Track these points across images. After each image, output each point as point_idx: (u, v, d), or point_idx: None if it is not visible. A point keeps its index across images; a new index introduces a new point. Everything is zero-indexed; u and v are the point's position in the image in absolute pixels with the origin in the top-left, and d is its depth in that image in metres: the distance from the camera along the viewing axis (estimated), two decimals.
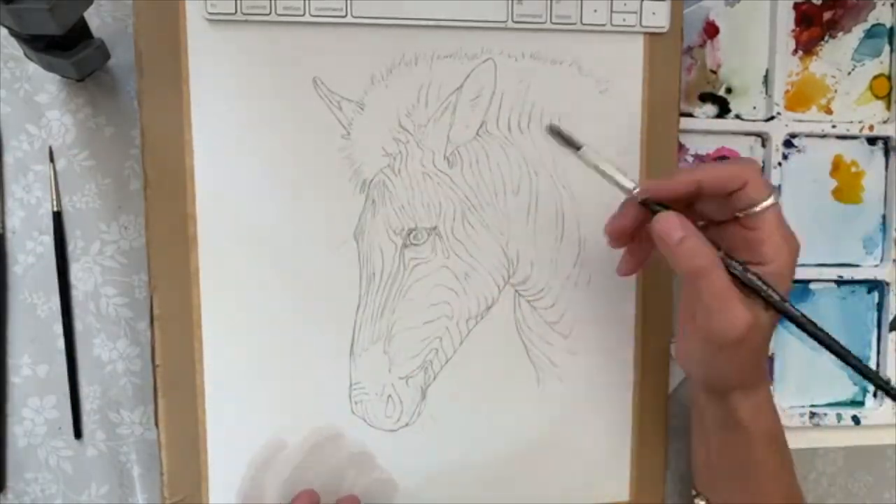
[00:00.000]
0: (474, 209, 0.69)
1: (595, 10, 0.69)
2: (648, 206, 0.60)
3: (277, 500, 0.69)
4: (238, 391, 0.68)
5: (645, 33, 0.71)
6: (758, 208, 0.58)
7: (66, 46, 0.63)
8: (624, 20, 0.70)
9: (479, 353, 0.71)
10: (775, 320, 0.60)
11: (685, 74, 0.76)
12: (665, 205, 0.59)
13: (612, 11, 0.70)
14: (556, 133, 0.64)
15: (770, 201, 0.58)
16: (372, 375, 0.69)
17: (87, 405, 0.71)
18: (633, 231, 0.62)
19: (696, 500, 0.70)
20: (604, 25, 0.70)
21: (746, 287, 0.58)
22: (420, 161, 0.68)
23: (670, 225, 0.58)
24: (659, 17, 0.70)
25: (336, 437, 0.70)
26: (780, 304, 0.58)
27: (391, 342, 0.69)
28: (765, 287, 0.58)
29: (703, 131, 0.77)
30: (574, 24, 0.69)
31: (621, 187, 0.61)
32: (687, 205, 0.61)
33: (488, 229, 0.70)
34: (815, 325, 0.59)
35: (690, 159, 0.76)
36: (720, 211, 0.60)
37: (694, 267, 0.57)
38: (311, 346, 0.69)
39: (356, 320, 0.69)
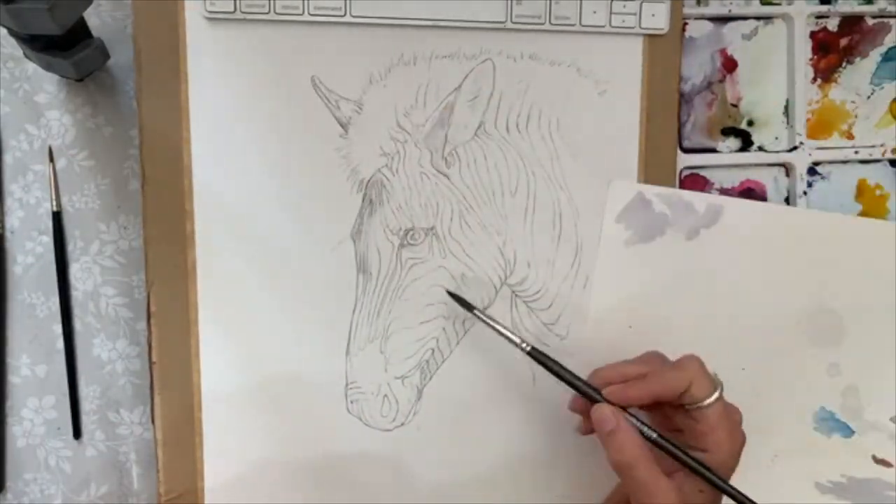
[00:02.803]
0: (472, 209, 0.69)
1: (594, 12, 0.69)
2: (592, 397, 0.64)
3: (272, 498, 0.69)
4: (234, 388, 0.68)
5: (644, 35, 0.71)
6: (702, 405, 0.61)
7: (66, 46, 0.63)
8: (623, 21, 0.70)
9: (475, 354, 0.71)
10: (711, 500, 0.62)
11: (706, 110, 0.76)
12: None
13: (611, 13, 0.70)
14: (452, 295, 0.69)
15: (713, 398, 0.61)
16: (368, 375, 0.69)
17: (86, 405, 0.71)
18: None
19: None
20: (603, 27, 0.70)
21: (685, 467, 0.61)
22: (418, 161, 0.68)
23: (603, 417, 0.62)
24: (658, 19, 0.70)
25: (332, 435, 0.70)
26: (719, 483, 0.60)
27: (387, 342, 0.69)
28: (704, 469, 0.60)
29: (727, 165, 0.77)
30: (573, 25, 0.69)
31: (513, 342, 0.66)
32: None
33: (485, 230, 0.70)
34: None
35: (716, 193, 0.76)
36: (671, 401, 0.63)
37: (621, 460, 0.60)
38: (307, 345, 0.69)
39: (353, 320, 0.69)
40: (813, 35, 0.78)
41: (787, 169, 0.77)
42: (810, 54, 0.78)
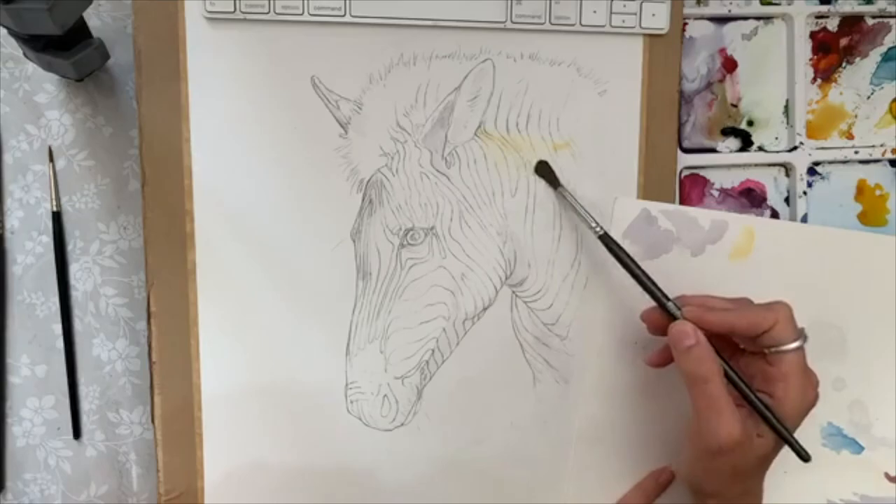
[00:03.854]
0: (472, 209, 0.69)
1: (594, 12, 0.69)
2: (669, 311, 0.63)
3: (272, 498, 0.69)
4: (234, 388, 0.68)
5: (644, 35, 0.71)
6: (782, 349, 0.60)
7: (66, 46, 0.63)
8: (623, 21, 0.70)
9: (475, 354, 0.71)
10: (769, 451, 0.61)
11: (706, 110, 0.76)
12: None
13: (611, 13, 0.69)
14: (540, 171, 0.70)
15: (796, 344, 0.60)
16: (368, 375, 0.69)
17: (86, 405, 0.71)
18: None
19: None
20: (603, 27, 0.70)
21: (751, 409, 0.61)
22: (418, 161, 0.68)
23: (683, 332, 0.61)
24: (658, 19, 0.70)
25: (332, 435, 0.70)
26: (781, 431, 0.60)
27: (387, 342, 0.69)
28: (768, 413, 0.60)
29: (727, 165, 0.77)
30: (573, 25, 0.69)
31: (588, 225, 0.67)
32: None
33: (485, 230, 0.70)
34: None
35: (716, 193, 0.77)
36: (748, 343, 0.63)
37: (696, 373, 0.60)
38: (306, 345, 0.69)
39: (352, 320, 0.69)
40: (813, 35, 0.78)
41: (787, 169, 0.77)
42: (810, 54, 0.78)
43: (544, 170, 0.70)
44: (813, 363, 0.62)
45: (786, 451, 0.62)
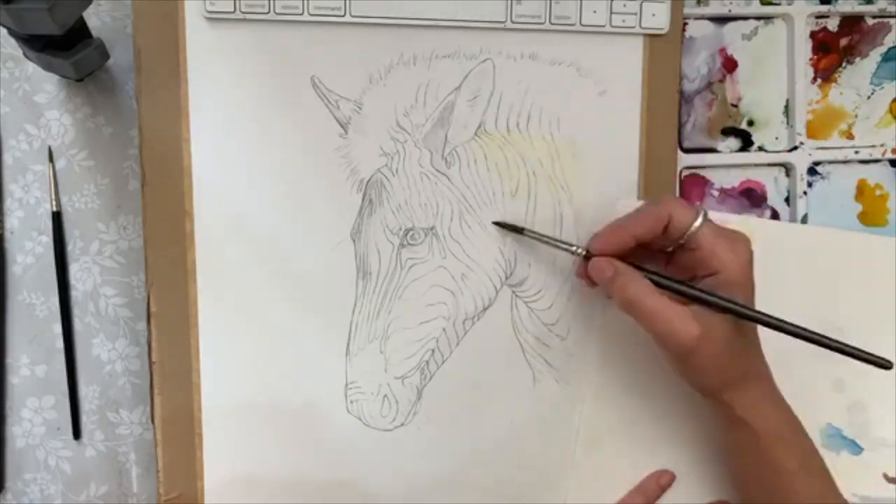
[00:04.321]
0: (472, 209, 0.69)
1: (594, 11, 0.69)
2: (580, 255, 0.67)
3: (272, 498, 0.69)
4: (234, 388, 0.68)
5: (644, 35, 0.71)
6: (691, 231, 0.62)
7: (65, 46, 0.63)
8: (623, 21, 0.70)
9: (475, 354, 0.71)
10: (733, 327, 0.62)
11: (706, 110, 0.76)
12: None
13: (611, 12, 0.69)
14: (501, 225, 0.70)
15: (699, 221, 0.62)
16: (368, 375, 0.69)
17: (85, 405, 0.71)
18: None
19: None
20: (603, 26, 0.70)
21: (694, 299, 0.62)
22: (418, 161, 0.68)
23: (599, 268, 0.64)
24: (659, 19, 0.70)
25: (332, 435, 0.70)
26: (724, 305, 0.61)
27: (387, 342, 0.69)
28: (703, 293, 0.62)
29: (727, 165, 0.77)
30: (573, 24, 0.69)
31: (566, 250, 0.67)
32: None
33: (486, 230, 0.70)
34: (775, 318, 0.62)
35: (716, 193, 0.77)
36: (664, 243, 0.65)
37: (628, 297, 0.62)
38: (307, 345, 0.69)
39: (353, 320, 0.69)
40: (813, 35, 0.78)
41: (788, 169, 0.77)
42: (810, 54, 0.78)
43: (502, 225, 0.70)
44: (813, 363, 0.62)
45: None
